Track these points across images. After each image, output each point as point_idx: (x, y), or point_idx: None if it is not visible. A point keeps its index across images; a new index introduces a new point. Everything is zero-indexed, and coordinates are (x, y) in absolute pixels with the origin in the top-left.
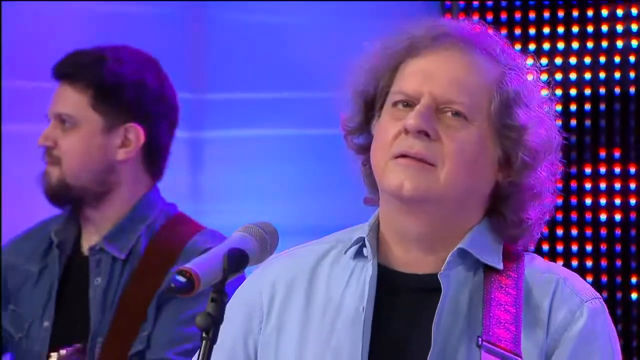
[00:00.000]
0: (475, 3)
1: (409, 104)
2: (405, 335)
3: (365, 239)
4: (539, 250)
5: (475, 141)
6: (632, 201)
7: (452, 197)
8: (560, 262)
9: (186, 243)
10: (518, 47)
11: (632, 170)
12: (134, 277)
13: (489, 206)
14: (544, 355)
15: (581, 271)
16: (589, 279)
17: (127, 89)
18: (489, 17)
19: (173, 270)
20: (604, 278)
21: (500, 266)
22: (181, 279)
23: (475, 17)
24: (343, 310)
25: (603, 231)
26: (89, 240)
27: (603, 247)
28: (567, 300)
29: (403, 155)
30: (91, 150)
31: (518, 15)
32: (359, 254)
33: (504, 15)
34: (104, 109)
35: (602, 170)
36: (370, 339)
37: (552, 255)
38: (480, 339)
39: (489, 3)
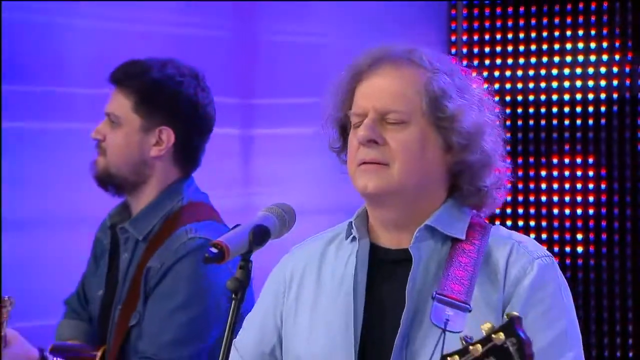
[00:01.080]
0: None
1: (361, 121)
2: (388, 296)
3: (352, 223)
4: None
5: (416, 138)
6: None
7: (409, 186)
8: None
9: (177, 230)
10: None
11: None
12: (142, 257)
13: (450, 184)
14: (500, 307)
15: None
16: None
17: (164, 97)
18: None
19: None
20: None
21: (463, 236)
22: (214, 250)
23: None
24: (344, 281)
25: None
26: (124, 222)
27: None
28: (520, 259)
29: (363, 163)
30: (130, 146)
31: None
32: (355, 238)
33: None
34: (143, 112)
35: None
36: (364, 301)
37: None
38: (434, 292)
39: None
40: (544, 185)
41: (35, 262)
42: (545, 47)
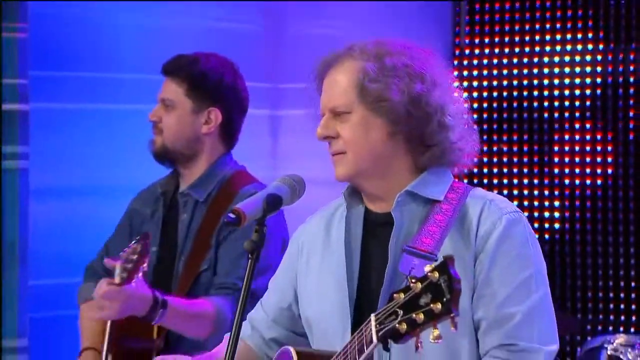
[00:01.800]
0: None
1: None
2: (376, 254)
3: (343, 194)
4: None
5: (358, 124)
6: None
7: (365, 166)
8: None
9: (241, 190)
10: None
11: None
12: (206, 215)
13: (420, 152)
14: (472, 261)
15: None
16: None
17: (211, 83)
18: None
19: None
20: None
21: (441, 197)
22: (232, 215)
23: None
24: (342, 244)
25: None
26: (181, 188)
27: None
28: (490, 215)
29: (331, 154)
30: (184, 125)
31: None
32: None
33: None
34: (194, 97)
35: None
36: (359, 259)
37: None
38: (405, 245)
39: None
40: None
41: (62, 226)
42: (542, 37)
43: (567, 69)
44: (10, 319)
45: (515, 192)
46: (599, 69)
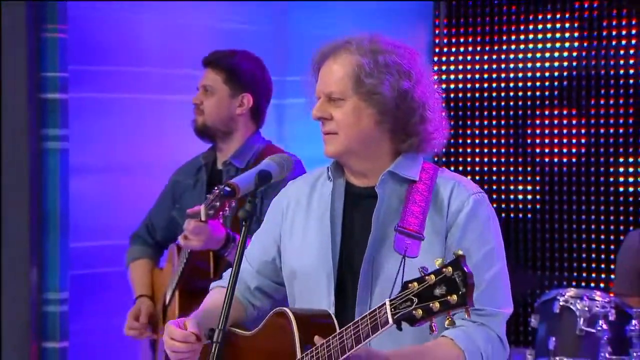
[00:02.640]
0: None
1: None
2: (358, 223)
3: (328, 168)
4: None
5: (351, 111)
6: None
7: (354, 147)
8: None
9: None
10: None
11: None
12: None
13: (397, 138)
14: (444, 234)
15: None
16: None
17: (244, 74)
18: None
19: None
20: None
21: (417, 178)
22: (228, 188)
23: None
24: (326, 210)
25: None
26: (221, 160)
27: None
28: (459, 195)
29: (323, 134)
30: (222, 107)
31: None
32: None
33: None
34: (230, 84)
35: None
36: (341, 227)
37: None
38: (397, 226)
39: None
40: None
41: (96, 198)
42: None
43: (538, 64)
44: (52, 276)
45: (495, 168)
46: (565, 64)
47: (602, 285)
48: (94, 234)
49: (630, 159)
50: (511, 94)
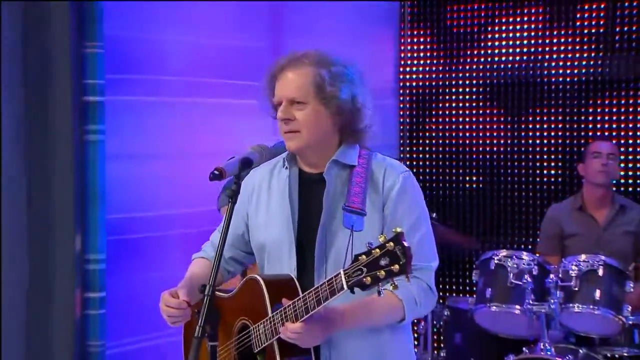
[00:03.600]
0: None
1: (279, 104)
2: (312, 203)
3: (284, 159)
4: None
5: (312, 113)
6: None
7: (313, 143)
8: None
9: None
10: None
11: None
12: None
13: (341, 133)
14: (381, 208)
15: None
16: None
17: None
18: None
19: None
20: None
21: (356, 163)
22: (216, 172)
23: None
24: (285, 193)
25: None
26: None
27: None
28: (391, 175)
29: (285, 132)
30: None
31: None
32: (287, 167)
33: None
34: None
35: None
36: (298, 206)
37: None
38: (344, 205)
39: None
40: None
41: (127, 178)
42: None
43: (482, 66)
44: (93, 240)
45: (447, 156)
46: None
47: (529, 247)
48: (125, 207)
49: (547, 148)
50: (460, 94)
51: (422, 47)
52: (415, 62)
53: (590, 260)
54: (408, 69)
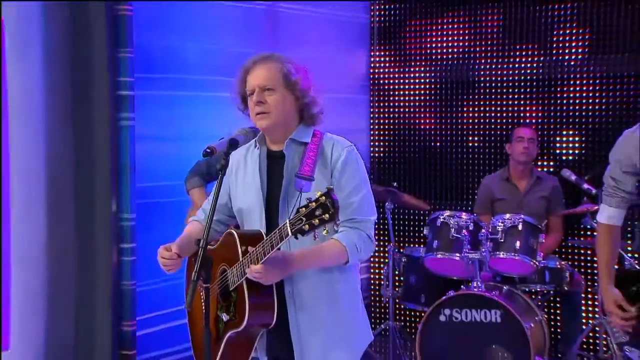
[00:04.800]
0: None
1: (252, 93)
2: (276, 175)
3: (256, 140)
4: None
5: (279, 98)
6: None
7: (280, 123)
8: None
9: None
10: None
11: None
12: None
13: (304, 117)
14: (329, 176)
15: None
16: None
17: None
18: None
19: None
20: None
21: (309, 140)
22: (208, 149)
23: None
24: (255, 168)
25: None
26: None
27: None
28: (337, 149)
29: (257, 114)
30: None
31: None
32: (257, 147)
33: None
34: None
35: None
36: (266, 178)
37: None
38: (296, 173)
39: None
40: None
41: (154, 156)
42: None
43: (430, 68)
44: (125, 203)
45: (405, 138)
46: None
47: (468, 208)
48: (150, 178)
49: (482, 132)
50: (414, 89)
51: (386, 54)
52: (381, 65)
53: (513, 219)
54: (377, 70)
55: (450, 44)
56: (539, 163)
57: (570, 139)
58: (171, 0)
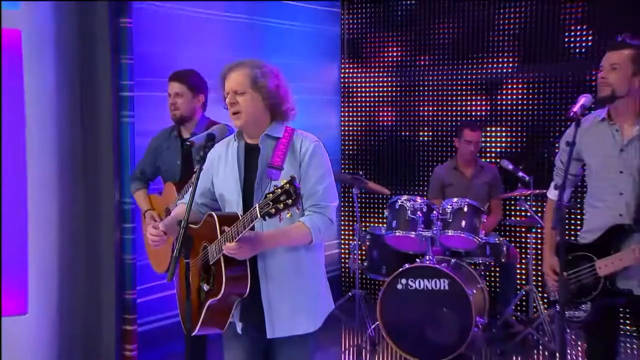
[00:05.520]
0: None
1: (227, 95)
2: (252, 165)
3: (234, 135)
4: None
5: (250, 99)
6: None
7: (250, 121)
8: None
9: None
10: None
11: None
12: None
13: (275, 114)
14: (298, 167)
15: None
16: None
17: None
18: None
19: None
20: None
21: (281, 135)
22: (188, 142)
23: None
24: (234, 158)
25: None
26: (187, 132)
27: None
28: (305, 143)
29: (232, 114)
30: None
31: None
32: (236, 141)
33: None
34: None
35: None
36: (244, 168)
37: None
38: (267, 163)
39: None
40: None
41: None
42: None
43: (386, 74)
44: (126, 189)
45: (370, 133)
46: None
47: (422, 193)
48: None
49: (433, 127)
50: (377, 91)
51: (354, 62)
52: (350, 71)
53: (459, 202)
54: (346, 76)
55: (406, 53)
56: (482, 154)
57: (508, 134)
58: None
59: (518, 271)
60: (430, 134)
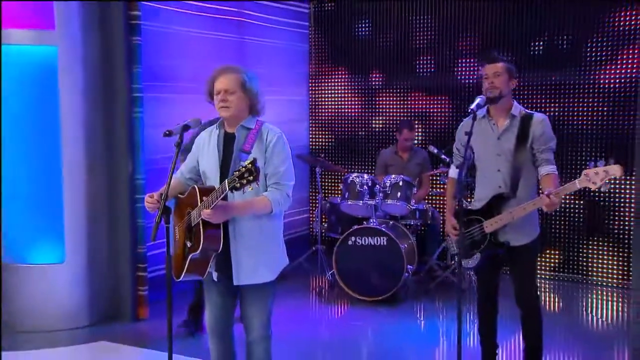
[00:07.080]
0: None
1: (219, 93)
2: (230, 150)
3: (217, 125)
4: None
5: (238, 98)
6: None
7: (238, 113)
8: None
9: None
10: None
11: None
12: None
13: (251, 109)
14: (264, 153)
15: None
16: None
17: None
18: None
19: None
20: None
21: (253, 127)
22: (167, 132)
23: None
24: (216, 143)
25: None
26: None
27: None
28: (270, 134)
29: (221, 107)
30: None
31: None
32: (217, 129)
33: None
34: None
35: None
36: (222, 151)
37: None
38: (240, 148)
39: None
40: None
41: (155, 138)
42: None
43: (352, 78)
44: (137, 167)
45: (332, 126)
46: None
47: (369, 172)
48: (154, 152)
49: (382, 122)
50: (342, 93)
51: (320, 68)
52: (317, 76)
53: (396, 178)
54: (314, 80)
55: (362, 62)
56: (415, 141)
57: (438, 127)
58: (165, 0)
59: (440, 230)
60: (383, 125)
